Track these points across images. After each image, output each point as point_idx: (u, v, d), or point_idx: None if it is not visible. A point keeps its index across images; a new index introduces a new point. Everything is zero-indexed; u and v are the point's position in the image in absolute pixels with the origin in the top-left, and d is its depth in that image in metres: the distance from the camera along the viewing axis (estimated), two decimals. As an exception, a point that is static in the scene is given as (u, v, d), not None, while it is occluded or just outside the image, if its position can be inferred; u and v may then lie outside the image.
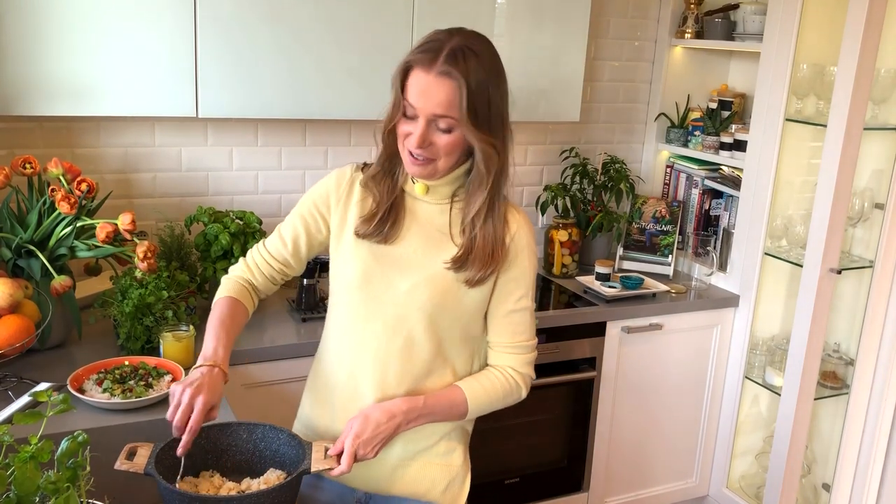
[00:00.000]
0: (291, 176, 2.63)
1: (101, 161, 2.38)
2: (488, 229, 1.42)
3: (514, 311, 1.48)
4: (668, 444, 2.93)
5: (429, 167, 1.39)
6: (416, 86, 1.33)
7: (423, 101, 1.33)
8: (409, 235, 1.46)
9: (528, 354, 1.52)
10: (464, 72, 1.31)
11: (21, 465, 1.02)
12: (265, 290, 1.61)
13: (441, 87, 1.31)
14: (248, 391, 2.11)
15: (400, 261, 1.45)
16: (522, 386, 1.52)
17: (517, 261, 1.46)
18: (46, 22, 1.97)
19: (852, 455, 2.77)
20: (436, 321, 1.45)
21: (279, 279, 1.60)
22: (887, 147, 2.61)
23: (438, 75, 1.31)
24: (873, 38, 2.34)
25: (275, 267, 1.57)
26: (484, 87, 1.33)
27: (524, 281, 1.48)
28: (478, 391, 1.47)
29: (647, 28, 3.09)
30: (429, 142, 1.36)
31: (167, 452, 1.31)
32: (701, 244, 2.93)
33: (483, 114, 1.34)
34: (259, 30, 2.18)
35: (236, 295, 1.54)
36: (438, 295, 1.43)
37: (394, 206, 1.47)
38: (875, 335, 2.67)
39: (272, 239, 1.58)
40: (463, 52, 1.32)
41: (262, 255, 1.58)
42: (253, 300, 1.59)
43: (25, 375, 1.80)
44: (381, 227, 1.45)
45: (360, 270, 1.47)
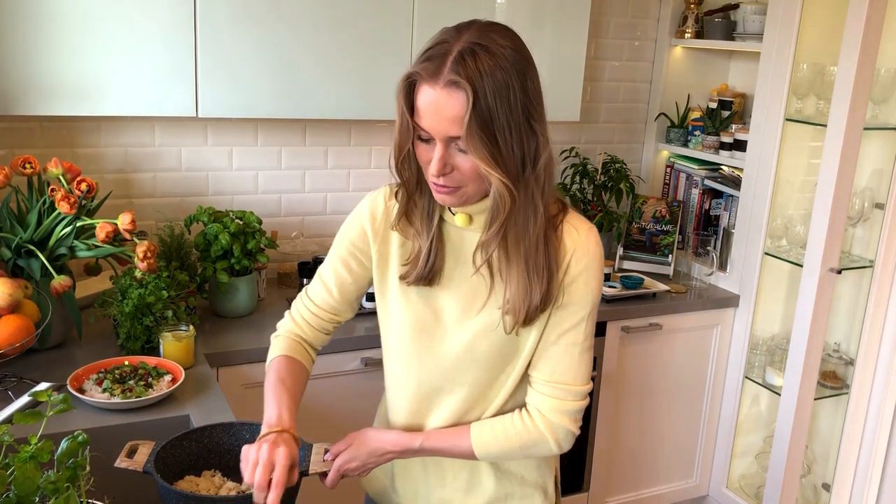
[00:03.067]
0: (291, 176, 2.63)
1: (101, 161, 2.38)
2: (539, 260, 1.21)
3: (556, 345, 1.27)
4: (668, 444, 2.93)
5: (457, 194, 1.18)
6: (424, 103, 1.11)
7: (434, 120, 1.11)
8: (456, 275, 1.28)
9: (569, 402, 1.29)
10: (473, 78, 1.08)
11: (21, 465, 1.02)
12: (318, 342, 1.46)
13: (451, 101, 1.09)
14: (249, 391, 2.11)
15: (451, 306, 1.29)
16: (550, 438, 1.31)
17: (570, 288, 1.25)
18: (46, 22, 1.97)
19: (852, 455, 2.77)
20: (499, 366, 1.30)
21: (331, 328, 1.45)
22: (887, 147, 2.61)
23: (446, 86, 1.09)
24: (873, 37, 2.34)
25: (324, 318, 1.43)
26: (503, 94, 1.10)
27: (576, 311, 1.26)
28: (486, 435, 1.30)
29: (647, 28, 3.09)
30: (450, 167, 1.15)
31: (168, 451, 1.31)
32: (701, 244, 2.93)
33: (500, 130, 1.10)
34: (259, 29, 2.18)
35: (290, 352, 1.40)
36: (499, 345, 1.27)
37: (433, 243, 1.26)
38: (875, 335, 2.67)
39: (315, 288, 1.42)
40: (473, 53, 1.09)
41: (308, 308, 1.43)
42: (309, 354, 1.45)
43: (25, 375, 1.80)
44: (422, 269, 1.27)
45: (410, 318, 1.32)
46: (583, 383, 1.30)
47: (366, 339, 2.23)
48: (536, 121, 1.15)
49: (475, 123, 1.09)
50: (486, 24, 1.17)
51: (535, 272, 1.20)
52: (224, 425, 1.40)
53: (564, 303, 1.25)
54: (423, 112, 1.12)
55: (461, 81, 1.08)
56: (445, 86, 1.09)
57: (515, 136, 1.12)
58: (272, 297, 2.49)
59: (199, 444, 1.37)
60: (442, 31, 1.16)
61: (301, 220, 2.67)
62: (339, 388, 2.24)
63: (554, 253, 1.23)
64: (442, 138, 1.13)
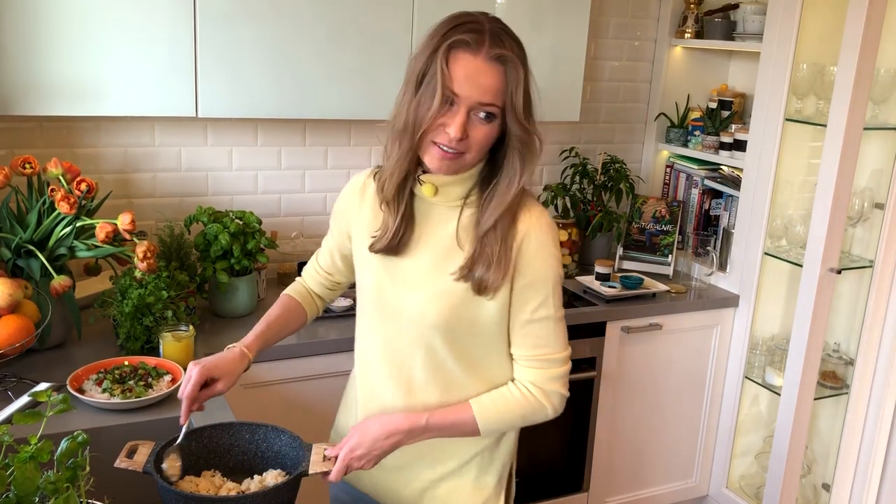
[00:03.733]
0: (291, 176, 2.63)
1: (100, 161, 2.38)
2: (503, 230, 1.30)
3: (531, 322, 1.35)
4: (668, 444, 2.93)
5: (458, 161, 1.28)
6: (463, 70, 1.21)
7: (469, 87, 1.21)
8: (419, 246, 1.37)
9: (555, 369, 1.38)
10: (516, 57, 1.23)
11: (21, 465, 1.02)
12: (324, 295, 1.66)
13: (491, 73, 1.21)
14: (248, 391, 2.11)
15: (410, 274, 1.37)
16: (547, 404, 1.38)
17: (530, 266, 1.32)
18: (46, 22, 1.97)
19: (852, 455, 2.77)
20: (454, 336, 1.36)
21: (331, 286, 1.64)
22: (887, 147, 2.61)
23: (490, 60, 1.21)
24: (873, 37, 2.34)
25: (321, 273, 1.62)
26: (528, 73, 1.27)
27: (540, 287, 1.34)
28: (489, 409, 1.36)
29: (647, 28, 3.09)
30: (466, 132, 1.24)
31: (163, 453, 1.31)
32: (701, 244, 2.93)
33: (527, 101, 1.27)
34: (259, 30, 2.18)
35: (294, 294, 1.62)
36: (449, 310, 1.34)
37: (406, 215, 1.36)
38: (875, 335, 2.67)
39: (321, 248, 1.62)
40: (506, 33, 1.24)
41: (314, 265, 1.64)
42: (314, 301, 1.64)
43: (25, 375, 1.80)
44: (392, 240, 1.36)
45: (373, 285, 1.42)
46: (563, 349, 1.40)
47: (366, 339, 2.23)
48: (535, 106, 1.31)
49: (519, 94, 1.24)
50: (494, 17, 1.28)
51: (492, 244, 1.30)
52: (224, 425, 1.40)
53: (527, 282, 1.33)
54: (458, 77, 1.21)
55: (508, 56, 1.22)
56: (489, 59, 1.21)
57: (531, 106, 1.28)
58: (272, 298, 2.46)
59: (199, 444, 1.37)
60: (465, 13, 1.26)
61: (301, 221, 2.67)
62: (339, 388, 2.22)
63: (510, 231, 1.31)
64: (470, 104, 1.22)
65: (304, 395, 2.19)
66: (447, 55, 1.21)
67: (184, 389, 1.34)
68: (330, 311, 2.33)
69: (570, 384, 2.71)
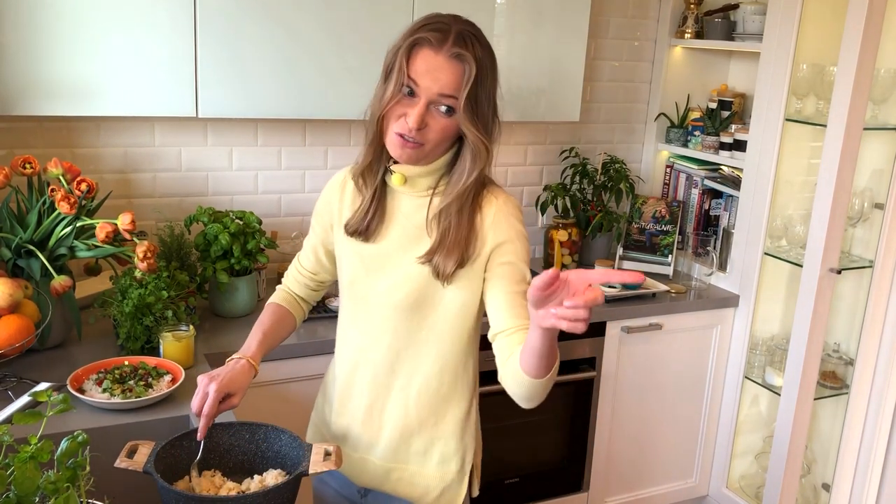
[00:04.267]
0: (291, 176, 2.63)
1: (101, 161, 2.38)
2: (462, 219, 1.38)
3: (518, 293, 1.39)
4: (668, 444, 2.93)
5: (417, 150, 1.35)
6: (424, 64, 1.30)
7: (430, 80, 1.30)
8: (389, 233, 1.45)
9: None
10: (474, 57, 1.29)
11: (21, 465, 1.02)
12: (308, 297, 1.69)
13: (450, 69, 1.29)
14: (250, 391, 2.08)
15: (380, 260, 1.45)
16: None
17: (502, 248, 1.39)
18: (46, 22, 1.97)
19: (852, 455, 2.77)
20: (416, 320, 1.44)
21: (316, 286, 1.67)
22: (887, 147, 2.61)
23: (450, 57, 1.29)
24: (873, 37, 2.34)
25: (305, 274, 1.65)
26: (486, 76, 1.32)
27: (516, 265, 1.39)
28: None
29: (647, 28, 3.09)
30: (424, 123, 1.32)
31: (168, 451, 1.32)
32: (701, 244, 2.93)
33: (482, 104, 1.33)
34: (259, 30, 2.18)
35: (281, 301, 1.64)
36: (415, 292, 1.42)
37: (377, 202, 1.45)
38: (875, 335, 2.67)
39: (302, 250, 1.66)
40: (470, 38, 1.31)
41: (296, 267, 1.67)
42: (300, 305, 1.67)
43: (25, 375, 1.80)
44: (364, 226, 1.45)
45: (348, 272, 1.49)
46: None
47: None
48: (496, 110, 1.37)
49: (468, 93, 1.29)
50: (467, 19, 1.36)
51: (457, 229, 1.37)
52: (224, 425, 1.41)
53: (507, 260, 1.40)
54: (420, 71, 1.30)
55: (466, 55, 1.29)
56: (450, 56, 1.29)
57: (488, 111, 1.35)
58: (272, 297, 2.49)
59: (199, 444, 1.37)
60: (436, 14, 1.35)
61: (301, 220, 2.67)
62: (338, 388, 2.24)
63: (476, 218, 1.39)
64: (429, 97, 1.31)
65: (305, 395, 2.19)
66: (409, 51, 1.31)
67: (200, 405, 1.36)
68: (330, 311, 2.33)
69: (571, 384, 2.71)
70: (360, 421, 1.53)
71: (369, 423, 1.52)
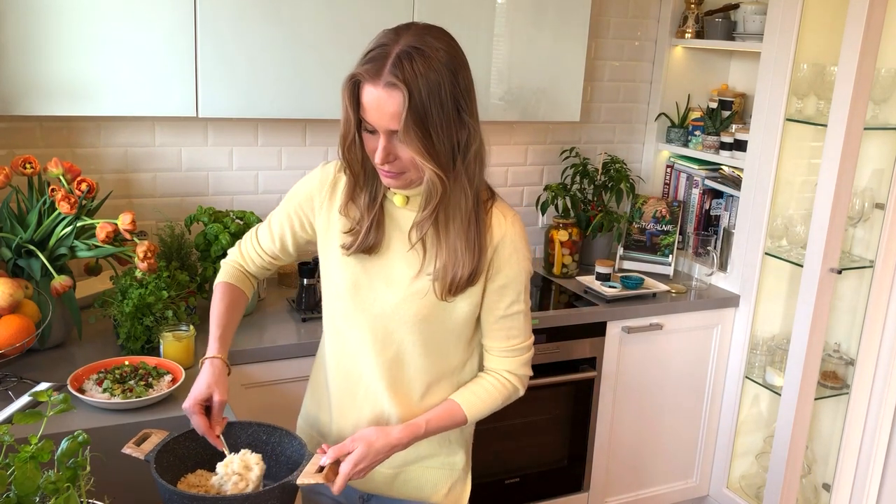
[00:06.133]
0: (291, 176, 2.63)
1: (101, 161, 2.38)
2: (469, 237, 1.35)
3: (506, 317, 1.44)
4: (669, 444, 2.93)
5: (401, 178, 1.32)
6: (368, 101, 1.25)
7: (377, 115, 1.24)
8: (392, 245, 1.42)
9: (525, 355, 1.49)
10: (405, 82, 1.20)
11: (21, 465, 1.02)
12: (260, 275, 1.65)
13: (391, 100, 1.22)
14: (249, 391, 2.11)
15: (385, 272, 1.42)
16: (520, 387, 1.49)
17: (504, 269, 1.41)
18: (46, 22, 1.97)
19: (852, 455, 2.77)
20: (426, 335, 1.43)
21: (271, 269, 1.63)
22: (887, 147, 2.61)
23: (386, 87, 1.22)
24: (874, 37, 2.34)
25: (265, 258, 1.59)
26: (431, 96, 1.22)
27: (514, 286, 1.43)
28: (475, 403, 1.46)
29: (648, 28, 3.09)
30: (394, 156, 1.28)
31: (181, 443, 1.33)
32: (701, 244, 2.93)
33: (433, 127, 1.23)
34: (259, 30, 2.18)
35: (233, 280, 1.59)
36: (425, 309, 1.40)
37: (375, 219, 1.41)
38: (875, 335, 2.67)
39: (263, 230, 1.58)
40: (410, 56, 1.22)
41: (254, 247, 1.60)
42: (251, 283, 1.63)
43: (25, 375, 1.80)
44: (364, 242, 1.40)
45: (348, 280, 1.45)
46: (529, 336, 1.49)
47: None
48: (468, 114, 1.29)
49: (410, 120, 1.22)
50: (423, 26, 1.29)
51: (464, 248, 1.35)
52: (244, 424, 1.41)
53: (502, 283, 1.41)
54: (367, 108, 1.26)
55: (398, 84, 1.21)
56: (385, 86, 1.22)
57: (446, 130, 1.25)
58: (272, 298, 2.49)
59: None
60: (382, 34, 1.29)
61: (301, 220, 2.67)
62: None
63: (484, 233, 1.38)
64: (384, 131, 1.26)
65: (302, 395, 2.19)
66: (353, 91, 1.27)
67: (199, 428, 1.36)
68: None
69: (571, 384, 2.72)
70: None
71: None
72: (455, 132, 1.27)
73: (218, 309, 1.52)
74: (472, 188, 1.33)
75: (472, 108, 1.30)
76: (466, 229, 1.35)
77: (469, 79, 1.29)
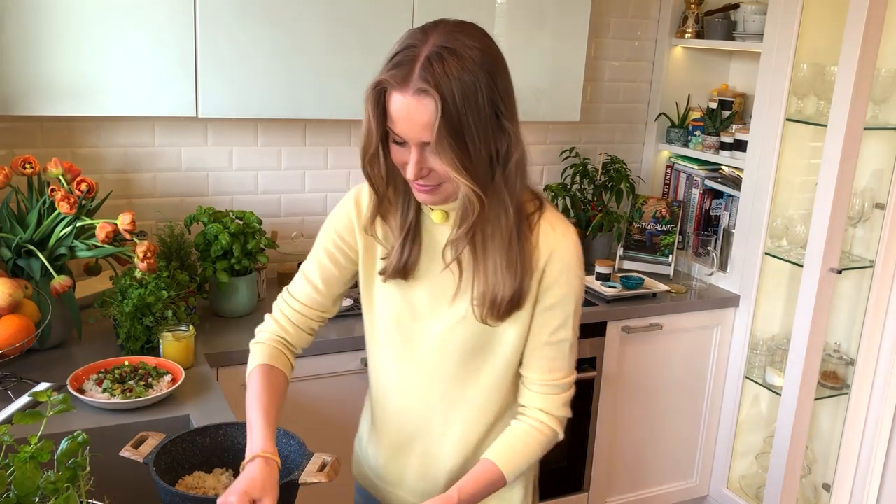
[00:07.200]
0: (291, 176, 2.63)
1: (101, 161, 2.38)
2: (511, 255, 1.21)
3: (550, 344, 1.30)
4: (669, 444, 2.93)
5: (437, 193, 1.19)
6: (396, 110, 1.12)
7: (407, 126, 1.12)
8: (430, 269, 1.29)
9: (564, 394, 1.35)
10: (437, 88, 1.07)
11: (21, 465, 1.02)
12: (300, 344, 1.43)
13: (421, 108, 1.09)
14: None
15: (427, 300, 1.30)
16: (559, 431, 1.35)
17: (553, 288, 1.26)
18: (46, 22, 1.97)
19: (853, 455, 2.77)
20: (474, 364, 1.31)
21: (316, 327, 1.43)
22: (888, 147, 2.61)
23: (416, 94, 1.09)
24: (874, 37, 2.34)
25: (309, 315, 1.40)
26: (470, 97, 1.09)
27: (562, 309, 1.28)
28: (512, 459, 1.31)
29: (648, 28, 3.09)
30: (426, 169, 1.15)
31: (178, 445, 1.32)
32: (701, 244, 2.93)
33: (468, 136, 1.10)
34: (259, 30, 2.18)
35: (271, 361, 1.36)
36: (472, 338, 1.28)
37: (410, 239, 1.28)
38: (875, 335, 2.67)
39: (298, 285, 1.40)
40: (440, 57, 1.09)
41: (291, 306, 1.40)
42: (290, 360, 1.40)
43: (25, 375, 1.80)
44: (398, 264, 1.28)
45: (389, 314, 1.33)
46: (572, 373, 1.36)
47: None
48: (507, 119, 1.15)
49: (444, 130, 1.09)
50: (453, 23, 1.15)
51: (505, 267, 1.22)
52: (240, 425, 1.40)
53: (550, 304, 1.28)
54: (396, 118, 1.13)
55: (429, 89, 1.08)
56: (415, 93, 1.09)
57: (484, 138, 1.13)
58: (272, 298, 2.45)
59: (214, 441, 1.37)
60: (408, 34, 1.15)
61: (301, 221, 2.67)
62: (338, 388, 2.24)
63: (529, 251, 1.24)
64: (416, 143, 1.13)
65: (305, 395, 2.19)
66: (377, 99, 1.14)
67: None
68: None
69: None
70: (415, 473, 1.41)
71: (424, 475, 1.40)
72: (493, 140, 1.15)
73: (258, 397, 1.29)
74: (513, 202, 1.20)
75: (511, 111, 1.16)
76: (507, 247, 1.21)
77: (508, 79, 1.17)
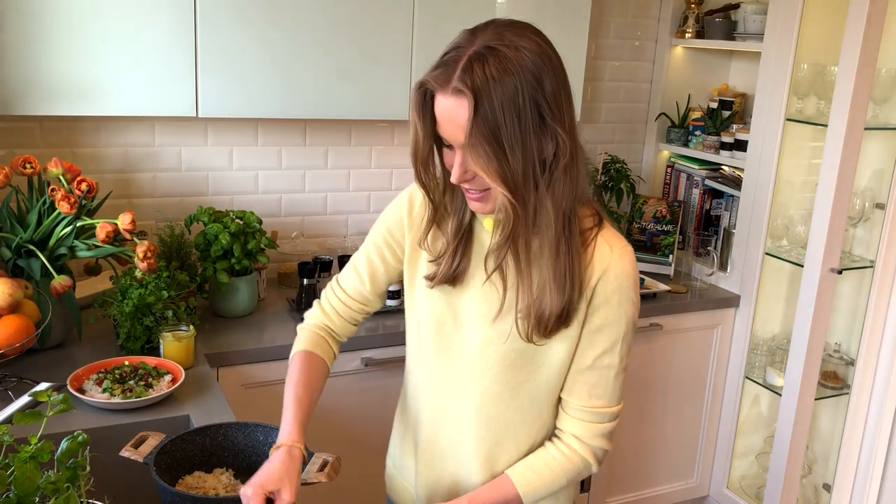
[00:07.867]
0: (291, 176, 2.63)
1: (101, 161, 2.38)
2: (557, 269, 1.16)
3: (593, 369, 1.23)
4: (669, 444, 2.93)
5: (488, 201, 1.15)
6: (439, 112, 1.09)
7: (449, 128, 1.08)
8: (478, 275, 1.24)
9: (605, 424, 1.26)
10: (478, 86, 1.04)
11: (21, 465, 1.01)
12: (344, 333, 1.45)
13: (460, 110, 1.05)
14: (248, 391, 2.11)
15: (471, 307, 1.26)
16: (592, 462, 1.27)
17: (602, 309, 1.21)
18: (47, 22, 1.97)
19: (853, 455, 2.77)
20: (515, 379, 1.26)
21: (360, 318, 1.44)
22: (888, 147, 2.61)
23: (453, 94, 1.06)
24: (874, 37, 2.34)
25: (354, 307, 1.41)
26: (510, 100, 1.04)
27: (610, 333, 1.22)
28: (532, 480, 1.26)
29: (648, 28, 3.09)
30: (471, 172, 1.11)
31: (177, 445, 1.32)
32: (701, 244, 2.93)
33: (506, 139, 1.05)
34: (259, 29, 2.18)
35: (312, 347, 1.38)
36: (513, 353, 1.23)
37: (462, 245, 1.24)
38: (876, 335, 2.67)
39: (347, 275, 1.41)
40: (482, 59, 1.05)
41: (338, 296, 1.41)
42: (332, 349, 1.42)
43: (25, 375, 1.80)
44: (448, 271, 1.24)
45: (431, 319, 1.30)
46: (617, 403, 1.27)
47: (366, 340, 2.23)
48: (556, 122, 1.10)
49: (477, 132, 1.05)
50: (504, 23, 1.12)
51: (552, 280, 1.16)
52: (240, 425, 1.40)
53: (597, 326, 1.22)
54: (440, 119, 1.10)
55: (465, 90, 1.04)
56: (453, 93, 1.06)
57: (524, 144, 1.07)
58: (272, 298, 2.49)
59: (214, 441, 1.37)
60: (460, 35, 1.12)
61: (301, 220, 2.67)
62: (339, 388, 2.24)
63: (581, 267, 1.18)
64: (459, 145, 1.10)
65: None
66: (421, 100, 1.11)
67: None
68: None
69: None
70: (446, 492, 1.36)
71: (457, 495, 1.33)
72: (537, 145, 1.09)
73: (295, 384, 1.32)
74: (558, 212, 1.14)
75: (560, 115, 1.12)
76: (555, 259, 1.16)
77: (559, 81, 1.12)
